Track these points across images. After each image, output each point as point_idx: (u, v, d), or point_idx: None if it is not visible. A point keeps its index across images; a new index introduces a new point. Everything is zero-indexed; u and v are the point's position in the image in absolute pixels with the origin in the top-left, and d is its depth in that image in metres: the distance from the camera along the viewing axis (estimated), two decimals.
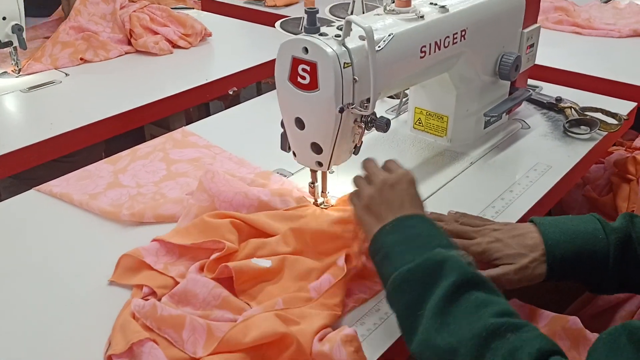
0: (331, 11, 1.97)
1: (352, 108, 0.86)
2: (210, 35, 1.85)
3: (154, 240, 0.89)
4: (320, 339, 0.73)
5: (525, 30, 1.18)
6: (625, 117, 1.26)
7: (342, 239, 0.86)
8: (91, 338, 0.77)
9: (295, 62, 0.84)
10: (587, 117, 1.26)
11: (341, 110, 0.85)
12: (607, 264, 0.80)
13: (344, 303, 0.80)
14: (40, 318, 0.81)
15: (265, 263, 0.82)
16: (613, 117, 1.26)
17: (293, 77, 0.86)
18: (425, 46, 0.96)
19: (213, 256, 0.83)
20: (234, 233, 0.87)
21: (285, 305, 0.77)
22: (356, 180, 0.87)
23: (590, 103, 1.32)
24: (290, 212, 0.94)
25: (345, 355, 0.70)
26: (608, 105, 1.30)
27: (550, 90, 1.42)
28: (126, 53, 1.72)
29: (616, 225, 0.82)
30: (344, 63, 0.82)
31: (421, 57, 0.96)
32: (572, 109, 1.30)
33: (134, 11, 1.75)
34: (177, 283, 0.81)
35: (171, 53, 1.74)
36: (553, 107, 1.33)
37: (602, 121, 1.24)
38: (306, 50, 0.83)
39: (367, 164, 0.88)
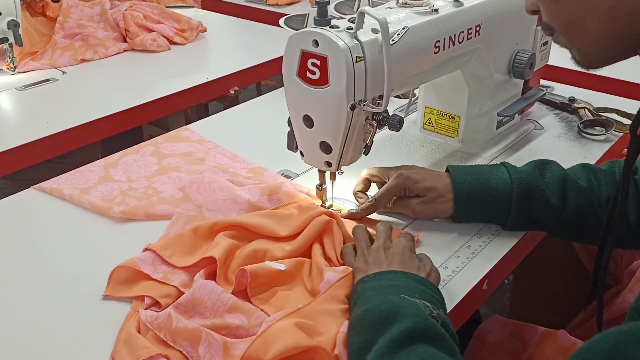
0: (337, 8, 1.93)
1: (364, 105, 0.81)
2: (205, 30, 1.81)
3: (146, 249, 0.84)
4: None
5: (540, 28, 1.14)
6: None
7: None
8: (88, 346, 0.72)
9: (305, 56, 0.80)
10: (602, 117, 1.22)
11: (352, 108, 0.80)
12: (511, 202, 0.88)
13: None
14: (37, 321, 0.76)
15: (280, 266, 0.78)
16: (629, 118, 1.22)
17: (302, 72, 0.81)
18: (439, 41, 0.91)
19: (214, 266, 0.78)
20: (227, 239, 0.82)
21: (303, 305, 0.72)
22: (348, 248, 0.82)
23: (603, 104, 1.28)
24: (279, 210, 0.90)
25: None
26: (622, 106, 1.26)
27: (562, 90, 1.37)
28: (124, 50, 1.67)
29: (522, 169, 0.90)
30: (357, 57, 0.78)
31: (435, 53, 0.92)
32: (586, 110, 1.26)
33: (126, 10, 1.71)
34: (181, 293, 0.76)
35: (169, 49, 1.69)
36: (566, 107, 1.29)
37: (617, 122, 1.20)
38: (316, 43, 0.78)
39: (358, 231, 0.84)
